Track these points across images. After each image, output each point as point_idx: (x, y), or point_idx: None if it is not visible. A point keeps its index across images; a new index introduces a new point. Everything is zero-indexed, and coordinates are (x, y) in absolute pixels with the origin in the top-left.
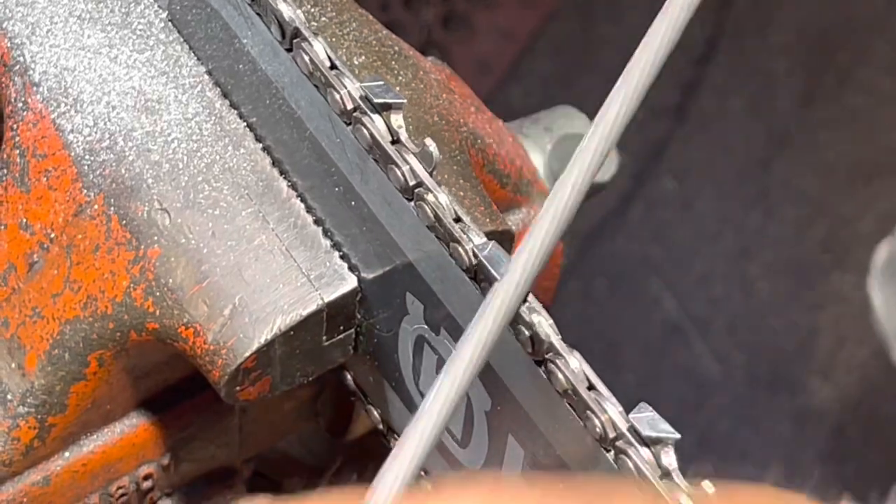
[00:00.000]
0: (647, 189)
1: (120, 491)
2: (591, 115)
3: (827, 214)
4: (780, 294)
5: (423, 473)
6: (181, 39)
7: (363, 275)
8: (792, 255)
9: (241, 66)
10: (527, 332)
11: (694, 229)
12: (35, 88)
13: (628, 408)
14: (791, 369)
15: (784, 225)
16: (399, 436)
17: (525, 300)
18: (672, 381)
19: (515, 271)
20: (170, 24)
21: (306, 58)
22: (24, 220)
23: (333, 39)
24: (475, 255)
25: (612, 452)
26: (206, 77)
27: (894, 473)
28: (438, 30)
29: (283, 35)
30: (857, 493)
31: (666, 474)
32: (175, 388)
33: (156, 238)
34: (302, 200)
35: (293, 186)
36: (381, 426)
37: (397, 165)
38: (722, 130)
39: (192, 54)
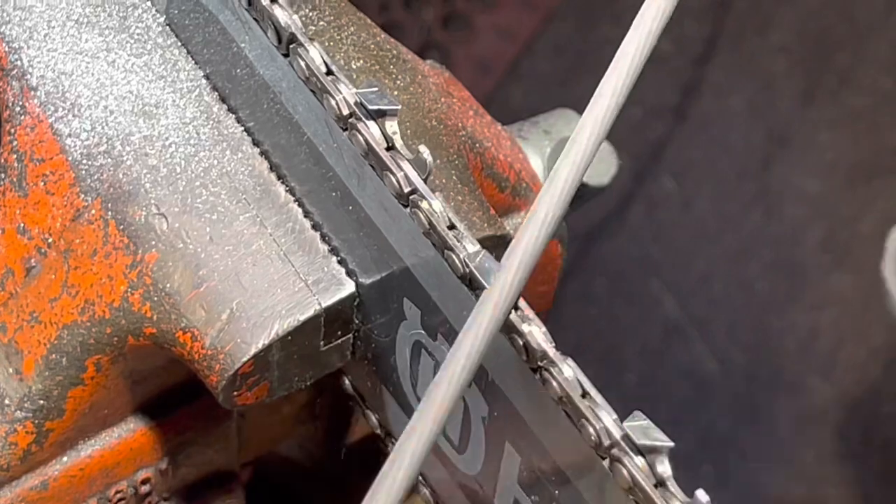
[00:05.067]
0: (647, 189)
1: (118, 495)
2: None
3: (827, 214)
4: (779, 294)
5: (421, 479)
6: (179, 44)
7: (361, 280)
8: (792, 256)
9: (238, 70)
10: (521, 341)
11: (694, 229)
12: (33, 92)
13: (628, 408)
14: (791, 369)
15: (784, 225)
16: (397, 440)
17: (517, 308)
18: (672, 381)
19: (502, 282)
20: (167, 28)
21: (303, 63)
22: (22, 225)
23: (331, 44)
24: (467, 264)
25: (608, 460)
26: (204, 81)
27: (894, 473)
28: (438, 30)
29: (280, 40)
30: (857, 493)
31: (660, 483)
32: (173, 392)
33: (153, 243)
34: (299, 205)
35: (291, 191)
36: (378, 430)
37: (392, 172)
38: (722, 130)
39: (190, 59)
